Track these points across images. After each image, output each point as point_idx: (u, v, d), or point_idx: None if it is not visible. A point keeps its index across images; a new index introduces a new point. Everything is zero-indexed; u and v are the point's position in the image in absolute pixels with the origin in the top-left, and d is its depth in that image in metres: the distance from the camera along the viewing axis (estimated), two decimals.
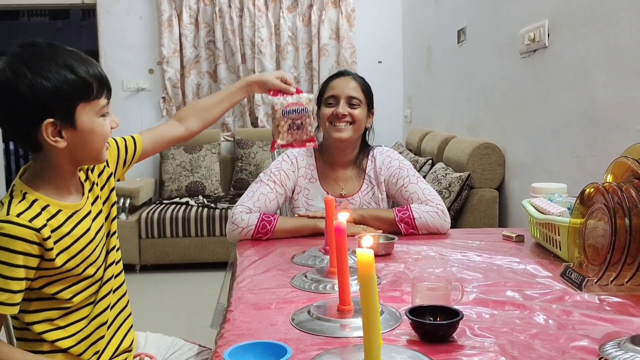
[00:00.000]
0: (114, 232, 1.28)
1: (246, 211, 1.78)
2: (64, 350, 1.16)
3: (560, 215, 1.48)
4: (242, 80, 1.60)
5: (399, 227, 1.77)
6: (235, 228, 1.76)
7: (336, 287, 1.19)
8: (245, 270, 1.46)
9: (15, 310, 1.07)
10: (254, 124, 5.23)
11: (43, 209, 1.10)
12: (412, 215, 1.78)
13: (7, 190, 1.12)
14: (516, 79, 2.73)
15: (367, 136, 1.99)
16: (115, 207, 1.29)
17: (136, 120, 5.09)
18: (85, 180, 1.23)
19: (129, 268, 4.02)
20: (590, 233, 1.31)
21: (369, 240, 0.86)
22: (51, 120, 1.06)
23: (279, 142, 1.61)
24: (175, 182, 4.71)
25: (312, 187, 1.93)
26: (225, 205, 4.28)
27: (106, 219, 1.26)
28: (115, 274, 1.28)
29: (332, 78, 1.95)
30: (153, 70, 5.16)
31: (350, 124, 1.86)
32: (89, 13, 8.77)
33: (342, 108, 1.85)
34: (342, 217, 1.05)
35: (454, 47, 3.73)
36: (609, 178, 1.38)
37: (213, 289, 2.08)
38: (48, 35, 9.76)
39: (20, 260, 1.05)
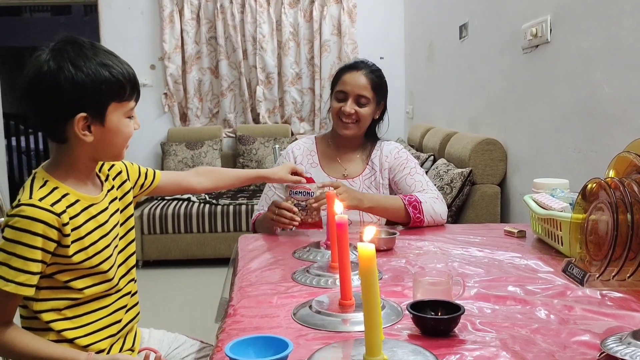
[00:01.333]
0: (133, 252, 1.33)
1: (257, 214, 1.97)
2: (70, 341, 1.18)
3: (562, 211, 1.47)
4: (258, 175, 1.76)
5: (408, 211, 1.81)
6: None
7: (337, 282, 1.19)
8: (246, 264, 1.47)
9: (32, 291, 1.10)
10: (256, 120, 5.22)
11: (63, 196, 1.14)
12: (419, 200, 1.83)
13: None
14: (518, 74, 2.72)
15: (377, 127, 2.02)
16: (132, 219, 1.33)
17: (138, 116, 4.99)
18: (106, 181, 1.28)
19: None
20: (592, 228, 1.31)
21: (370, 234, 0.86)
22: (84, 114, 1.12)
23: None
24: None
25: (314, 171, 1.98)
26: (227, 202, 4.27)
27: (121, 225, 1.29)
28: (135, 279, 1.33)
29: (345, 70, 1.95)
30: (155, 66, 5.16)
31: (356, 121, 1.92)
32: (91, 8, 8.76)
33: (349, 107, 1.89)
34: (339, 208, 1.06)
35: (456, 43, 3.72)
36: (611, 173, 1.38)
37: (215, 285, 2.09)
38: (51, 30, 9.76)
39: (39, 242, 1.08)
